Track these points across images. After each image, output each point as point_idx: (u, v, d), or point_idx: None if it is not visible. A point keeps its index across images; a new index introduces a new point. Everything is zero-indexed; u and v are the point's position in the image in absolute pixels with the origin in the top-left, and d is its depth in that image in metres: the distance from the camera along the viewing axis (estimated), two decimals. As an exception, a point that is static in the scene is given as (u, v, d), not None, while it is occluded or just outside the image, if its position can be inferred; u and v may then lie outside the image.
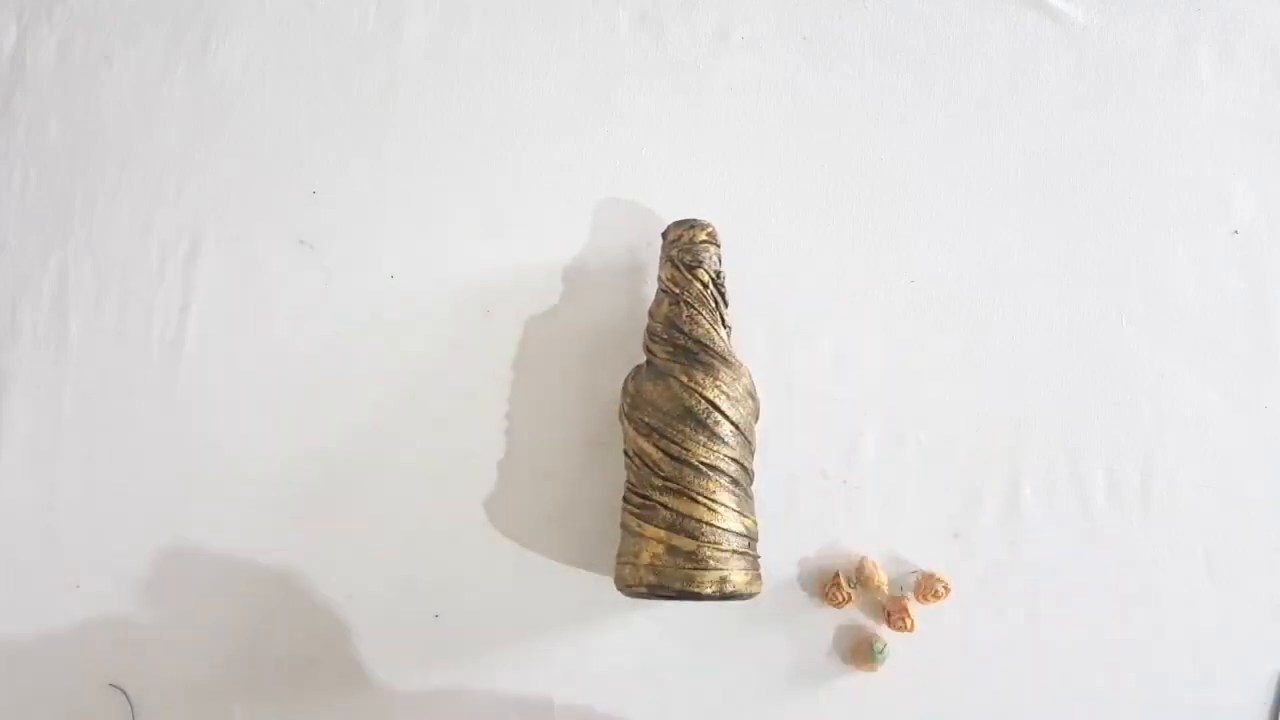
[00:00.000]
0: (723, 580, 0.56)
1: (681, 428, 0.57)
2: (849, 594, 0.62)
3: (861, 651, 0.62)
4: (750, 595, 0.57)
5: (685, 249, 0.61)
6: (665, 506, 0.57)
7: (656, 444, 0.58)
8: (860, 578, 0.63)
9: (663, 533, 0.56)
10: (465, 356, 0.67)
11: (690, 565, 0.55)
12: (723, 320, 0.61)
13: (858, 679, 0.63)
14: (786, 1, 0.71)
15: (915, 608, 0.62)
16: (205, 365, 0.68)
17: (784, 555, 0.63)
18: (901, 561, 0.63)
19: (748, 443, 0.59)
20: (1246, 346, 0.65)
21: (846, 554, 0.64)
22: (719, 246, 0.62)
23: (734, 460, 0.58)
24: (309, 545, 0.66)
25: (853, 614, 0.63)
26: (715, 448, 0.57)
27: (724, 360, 0.59)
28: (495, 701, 0.63)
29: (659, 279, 0.62)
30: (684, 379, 0.58)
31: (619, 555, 0.59)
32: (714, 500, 0.56)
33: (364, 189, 0.70)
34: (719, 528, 0.56)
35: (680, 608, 0.63)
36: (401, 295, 0.68)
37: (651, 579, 0.56)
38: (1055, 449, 0.64)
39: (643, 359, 0.62)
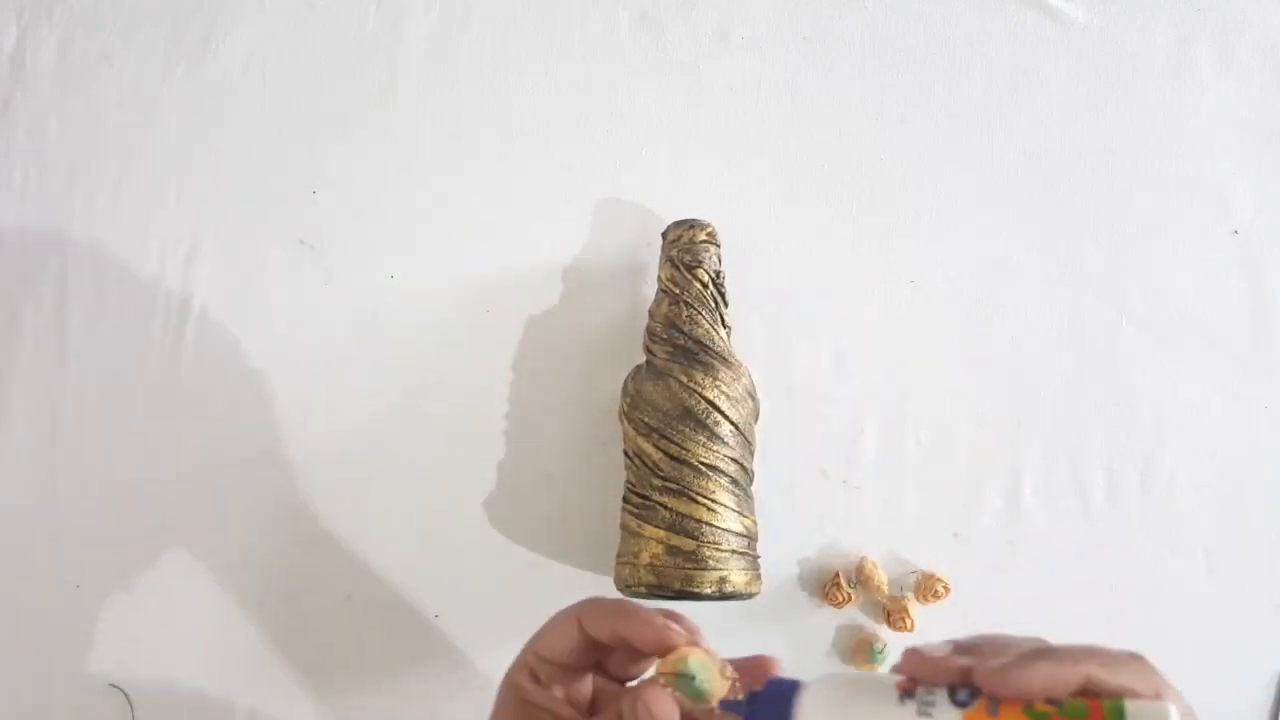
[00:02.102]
0: (722, 580, 0.55)
1: (681, 428, 0.57)
2: (849, 594, 0.62)
3: (861, 651, 0.62)
4: (750, 595, 0.57)
5: (685, 249, 0.61)
6: (665, 507, 0.57)
7: (656, 444, 0.58)
8: (860, 578, 0.63)
9: (662, 533, 0.56)
10: (465, 356, 0.67)
11: (690, 565, 0.55)
12: (723, 320, 0.61)
13: (858, 679, 0.63)
14: (786, 1, 0.71)
15: (915, 608, 0.62)
16: (205, 365, 0.68)
17: (784, 555, 0.63)
18: (901, 561, 0.63)
19: (748, 443, 0.59)
20: (1246, 346, 0.65)
21: (846, 554, 0.64)
22: (719, 246, 0.62)
23: (734, 460, 0.58)
24: (309, 545, 0.66)
25: (853, 614, 0.63)
26: (715, 448, 0.57)
27: (724, 360, 0.59)
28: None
29: (659, 279, 0.62)
30: (684, 379, 0.58)
31: (619, 555, 0.59)
32: (714, 500, 0.56)
33: (364, 189, 0.70)
34: (719, 528, 0.56)
35: (680, 608, 0.63)
36: (401, 295, 0.68)
37: (651, 579, 0.56)
38: (1055, 449, 0.64)
39: (643, 359, 0.62)
